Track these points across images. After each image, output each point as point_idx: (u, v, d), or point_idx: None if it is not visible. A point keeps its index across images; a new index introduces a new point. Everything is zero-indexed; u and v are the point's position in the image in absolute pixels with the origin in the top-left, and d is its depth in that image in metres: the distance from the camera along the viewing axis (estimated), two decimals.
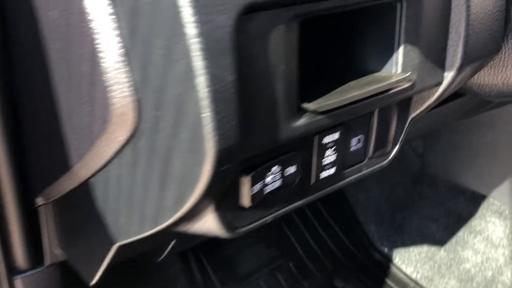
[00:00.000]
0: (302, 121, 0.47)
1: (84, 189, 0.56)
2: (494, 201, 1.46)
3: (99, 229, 0.59)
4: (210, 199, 0.46)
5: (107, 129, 0.45)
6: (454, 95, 0.88)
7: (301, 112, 0.48)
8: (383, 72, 0.56)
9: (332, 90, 0.51)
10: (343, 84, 0.53)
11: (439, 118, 1.03)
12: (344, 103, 0.48)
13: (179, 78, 0.38)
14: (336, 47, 0.60)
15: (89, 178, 0.54)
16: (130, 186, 0.50)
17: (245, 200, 0.50)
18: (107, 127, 0.44)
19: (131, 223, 0.54)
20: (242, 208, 0.52)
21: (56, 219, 0.66)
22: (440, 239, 1.56)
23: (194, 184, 0.42)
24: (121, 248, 0.59)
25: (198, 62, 0.36)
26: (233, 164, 0.42)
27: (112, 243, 0.58)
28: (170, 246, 0.74)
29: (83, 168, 0.53)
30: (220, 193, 0.48)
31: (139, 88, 0.41)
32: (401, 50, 0.54)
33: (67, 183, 0.56)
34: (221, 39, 0.36)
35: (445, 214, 1.56)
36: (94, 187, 0.55)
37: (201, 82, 0.36)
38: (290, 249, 1.59)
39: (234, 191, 0.50)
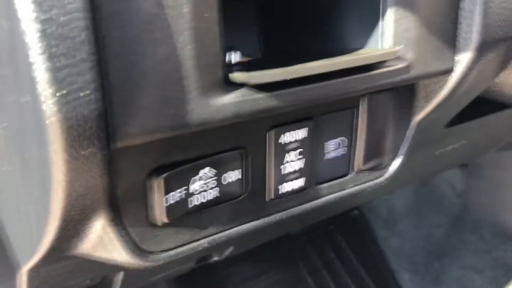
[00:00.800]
0: (229, 98, 0.33)
1: None
2: None
3: (7, 249, 0.47)
4: (94, 204, 0.32)
5: None
6: (496, 105, 0.70)
7: (231, 87, 0.34)
8: (367, 49, 0.42)
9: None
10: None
11: (479, 139, 0.85)
12: (292, 77, 0.34)
13: (2, 5, 0.25)
14: (309, 21, 0.46)
15: None
16: (12, 187, 0.38)
17: (157, 212, 0.36)
18: None
19: (24, 240, 0.41)
20: (157, 225, 0.37)
21: None
22: None
23: (51, 175, 0.29)
24: (35, 278, 0.46)
25: None
26: (103, 149, 0.28)
27: (17, 268, 0.46)
28: (120, 282, 0.60)
29: None
30: (116, 199, 0.34)
31: None
32: (388, 16, 0.40)
33: None
34: None
35: (491, 264, 1.33)
36: None
37: (22, 6, 0.24)
38: None
39: (143, 199, 0.36)
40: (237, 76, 0.33)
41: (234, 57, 0.47)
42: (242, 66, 0.45)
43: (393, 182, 0.54)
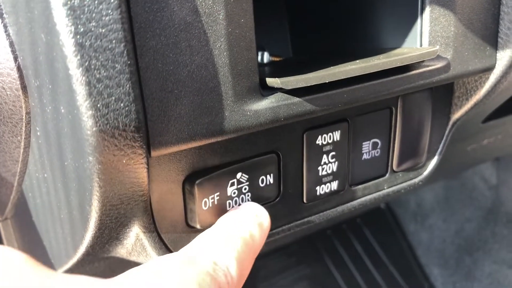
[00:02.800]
0: (264, 104, 0.32)
1: (25, 204, 0.45)
2: None
3: (41, 251, 0.48)
4: (130, 212, 0.32)
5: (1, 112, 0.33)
6: None
7: (267, 92, 0.33)
8: (404, 48, 0.41)
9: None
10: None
11: None
12: (328, 80, 0.33)
13: (41, 18, 0.25)
14: (341, 19, 0.45)
15: (18, 184, 0.43)
16: (46, 194, 0.38)
17: (193, 217, 0.36)
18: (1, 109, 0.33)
19: (58, 245, 0.42)
20: (194, 230, 0.37)
21: (16, 238, 0.56)
22: None
23: (89, 184, 0.29)
24: None
25: None
26: (141, 159, 0.28)
27: (54, 269, 0.47)
28: None
29: (6, 172, 0.42)
30: (151, 205, 0.34)
31: (17, 46, 0.29)
32: (426, 15, 0.39)
33: (3, 193, 0.45)
34: None
35: None
36: (29, 202, 0.44)
37: (60, 19, 0.23)
38: None
39: (180, 205, 0.36)
40: (272, 81, 0.32)
41: (264, 57, 0.46)
42: (274, 67, 0.44)
43: (429, 181, 0.52)
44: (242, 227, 0.33)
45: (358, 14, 0.43)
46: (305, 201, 0.42)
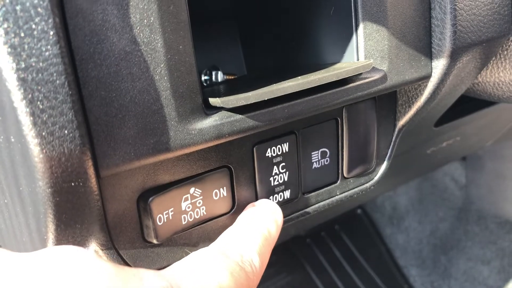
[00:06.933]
0: (208, 122, 0.35)
1: None
2: None
3: None
4: (86, 231, 0.34)
5: None
6: (483, 102, 0.72)
7: (211, 111, 0.35)
8: (343, 63, 0.43)
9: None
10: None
11: (472, 135, 0.86)
12: (265, 98, 0.35)
13: None
14: (288, 37, 0.48)
15: None
16: (8, 219, 0.40)
17: (148, 234, 0.38)
18: None
19: None
20: (152, 245, 0.39)
21: None
22: (494, 285, 1.33)
23: (42, 208, 0.31)
24: None
25: None
26: (89, 181, 0.30)
27: None
28: None
29: None
30: (107, 223, 0.36)
31: None
32: (360, 31, 0.41)
33: None
34: None
35: (497, 254, 1.34)
36: None
37: (2, 57, 0.25)
38: None
39: (135, 221, 0.38)
40: (214, 101, 0.34)
41: (218, 76, 0.48)
42: (225, 85, 0.47)
43: (382, 184, 0.55)
44: (260, 224, 0.37)
45: (302, 32, 0.46)
46: None
